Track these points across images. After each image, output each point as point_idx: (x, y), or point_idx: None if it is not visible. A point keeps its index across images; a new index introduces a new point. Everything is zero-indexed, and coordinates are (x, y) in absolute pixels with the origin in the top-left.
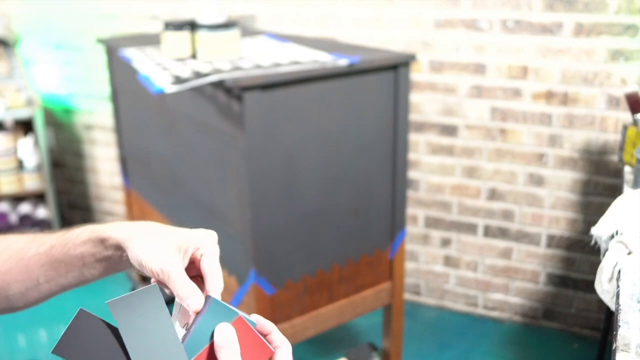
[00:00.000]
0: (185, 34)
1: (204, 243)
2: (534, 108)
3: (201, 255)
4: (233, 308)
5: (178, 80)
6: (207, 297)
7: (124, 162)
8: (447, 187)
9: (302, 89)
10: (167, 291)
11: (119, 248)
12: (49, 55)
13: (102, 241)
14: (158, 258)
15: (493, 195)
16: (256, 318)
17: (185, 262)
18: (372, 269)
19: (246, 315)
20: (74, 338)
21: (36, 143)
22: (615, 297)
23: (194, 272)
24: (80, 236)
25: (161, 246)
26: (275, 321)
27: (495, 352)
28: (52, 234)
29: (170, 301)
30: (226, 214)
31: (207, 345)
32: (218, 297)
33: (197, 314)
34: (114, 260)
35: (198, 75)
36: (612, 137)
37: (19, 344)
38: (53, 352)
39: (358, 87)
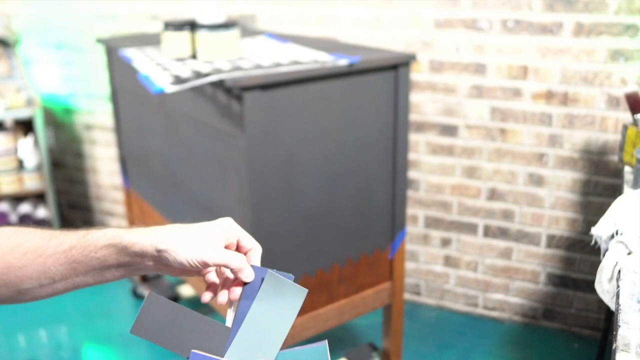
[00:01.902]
0: (185, 34)
1: (232, 228)
2: (534, 108)
3: (237, 240)
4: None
5: (178, 80)
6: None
7: (124, 162)
8: (447, 187)
9: (302, 89)
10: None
11: (143, 255)
12: (49, 55)
13: (125, 248)
14: (200, 253)
15: (493, 195)
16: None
17: (221, 246)
18: (372, 269)
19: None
20: (147, 319)
21: (36, 143)
22: (615, 297)
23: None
24: (101, 239)
25: (198, 243)
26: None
27: (495, 352)
28: (72, 234)
29: (175, 299)
30: (226, 214)
31: None
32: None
33: (245, 285)
34: (135, 266)
35: (198, 75)
36: (612, 137)
37: (19, 344)
38: (131, 332)
39: (358, 87)
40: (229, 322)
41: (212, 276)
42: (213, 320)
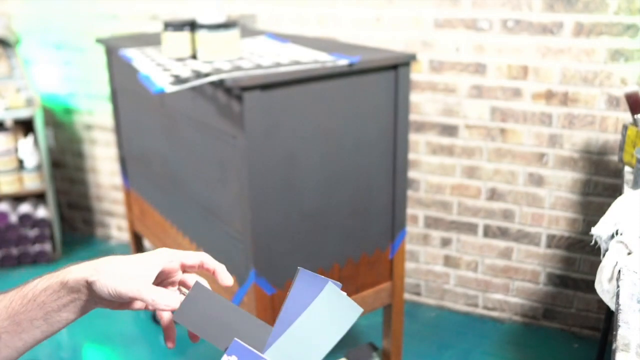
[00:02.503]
0: (185, 34)
1: (168, 254)
2: (534, 108)
3: (180, 263)
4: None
5: (178, 80)
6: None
7: (124, 162)
8: (447, 187)
9: (302, 89)
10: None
11: (82, 289)
12: (49, 55)
13: (63, 285)
14: (128, 284)
15: (493, 195)
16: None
17: (152, 278)
18: (372, 269)
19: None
20: (190, 308)
21: (36, 143)
22: (615, 297)
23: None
24: (38, 285)
25: (128, 273)
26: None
27: (495, 352)
28: (10, 290)
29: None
30: (226, 214)
31: None
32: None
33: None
34: (80, 303)
35: (198, 75)
36: (612, 137)
37: None
38: (174, 319)
39: (358, 87)
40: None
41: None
42: (255, 317)
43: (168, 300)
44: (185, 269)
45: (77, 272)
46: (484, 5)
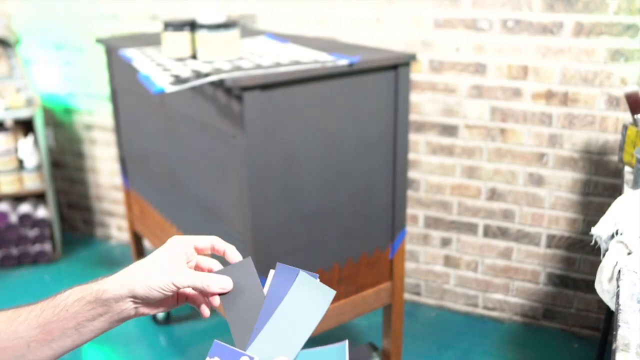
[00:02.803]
0: (185, 34)
1: (183, 241)
2: (534, 108)
3: (194, 247)
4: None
5: (178, 80)
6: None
7: (124, 162)
8: (447, 187)
9: (302, 89)
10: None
11: (118, 298)
12: (49, 55)
13: (97, 297)
14: (168, 276)
15: (493, 195)
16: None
17: (191, 264)
18: (372, 269)
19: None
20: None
21: (36, 143)
22: (615, 297)
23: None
24: (71, 296)
25: (162, 268)
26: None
27: (495, 352)
28: (41, 301)
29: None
30: (226, 214)
31: None
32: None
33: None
34: (112, 313)
35: (198, 75)
36: (612, 137)
37: None
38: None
39: (358, 87)
40: (233, 322)
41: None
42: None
43: (222, 283)
44: (198, 252)
45: (114, 282)
46: (484, 5)
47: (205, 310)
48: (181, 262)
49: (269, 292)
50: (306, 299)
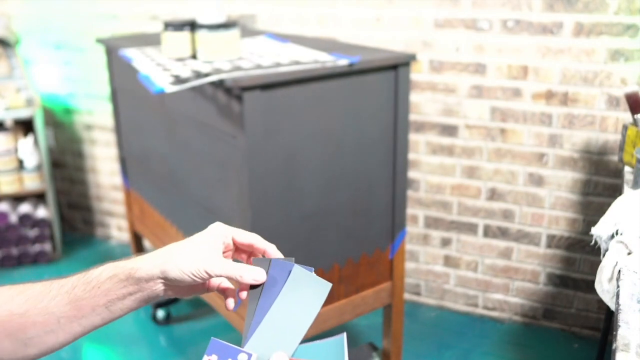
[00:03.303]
0: (185, 34)
1: (223, 230)
2: (534, 108)
3: (232, 238)
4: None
5: (178, 80)
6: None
7: (124, 162)
8: (447, 187)
9: (302, 89)
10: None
11: (149, 278)
12: (49, 55)
13: (129, 275)
14: (202, 263)
15: (493, 195)
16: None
17: (222, 254)
18: (372, 269)
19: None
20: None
21: (36, 143)
22: (615, 297)
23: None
24: (103, 273)
25: (197, 254)
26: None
27: (495, 352)
28: (72, 275)
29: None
30: (226, 214)
31: None
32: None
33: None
34: (143, 293)
35: (198, 75)
36: (612, 137)
37: None
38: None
39: (358, 87)
40: (249, 316)
41: (225, 283)
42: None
43: (256, 275)
44: (236, 246)
45: (148, 262)
46: (484, 5)
47: (231, 303)
48: (217, 251)
49: (265, 288)
50: (302, 293)
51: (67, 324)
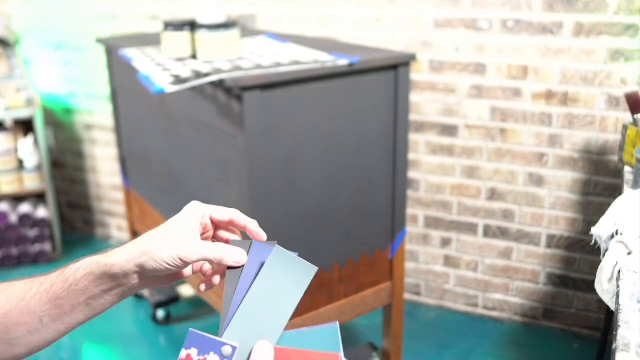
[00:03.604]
0: (185, 34)
1: (199, 210)
2: (534, 108)
3: (210, 217)
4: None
5: (178, 80)
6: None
7: (124, 162)
8: (447, 187)
9: (302, 89)
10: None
11: (126, 274)
12: (49, 55)
13: (105, 272)
14: (177, 250)
15: (493, 195)
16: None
17: (199, 236)
18: (372, 269)
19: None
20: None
21: (36, 143)
22: (615, 297)
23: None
24: (79, 270)
25: (172, 240)
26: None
27: (495, 352)
28: (52, 272)
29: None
30: None
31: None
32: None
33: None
34: (123, 288)
35: (198, 75)
36: (612, 137)
37: None
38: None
39: (358, 87)
40: (226, 302)
41: (208, 266)
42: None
43: (236, 256)
44: (216, 225)
45: (122, 257)
46: (484, 5)
47: (202, 286)
48: (193, 234)
49: (244, 271)
50: (284, 277)
51: (50, 323)
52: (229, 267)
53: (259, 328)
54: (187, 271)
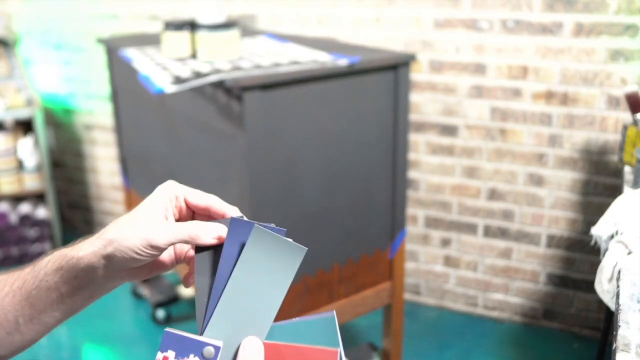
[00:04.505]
0: (185, 34)
1: (172, 191)
2: (534, 108)
3: (184, 199)
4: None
5: (178, 80)
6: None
7: (124, 162)
8: (447, 187)
9: (302, 89)
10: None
11: (98, 267)
12: (49, 55)
13: (74, 266)
14: (143, 238)
15: (493, 195)
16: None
17: (173, 214)
18: (372, 269)
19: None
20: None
21: (36, 143)
22: (615, 297)
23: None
24: (49, 265)
25: (139, 227)
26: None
27: (495, 352)
28: (25, 268)
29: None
30: None
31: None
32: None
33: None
34: (99, 281)
35: (198, 75)
36: (612, 137)
37: None
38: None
39: (358, 87)
40: (201, 293)
41: (192, 252)
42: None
43: (215, 231)
44: (192, 210)
45: (89, 249)
46: (484, 5)
47: (187, 281)
48: (161, 215)
49: (222, 257)
50: (268, 260)
51: (27, 323)
52: (197, 251)
53: (245, 322)
54: (168, 260)
